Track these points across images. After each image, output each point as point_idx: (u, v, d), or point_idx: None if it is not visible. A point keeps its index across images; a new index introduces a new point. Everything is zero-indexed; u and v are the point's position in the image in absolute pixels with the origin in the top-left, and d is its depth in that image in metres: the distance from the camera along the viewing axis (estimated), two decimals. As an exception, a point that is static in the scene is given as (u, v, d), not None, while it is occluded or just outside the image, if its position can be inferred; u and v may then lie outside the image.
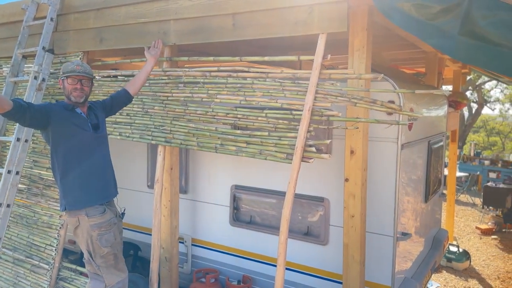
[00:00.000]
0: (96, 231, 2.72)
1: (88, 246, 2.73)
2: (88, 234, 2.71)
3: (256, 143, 2.85)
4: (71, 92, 2.72)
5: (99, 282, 2.76)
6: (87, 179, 2.76)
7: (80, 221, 2.71)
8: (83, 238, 2.73)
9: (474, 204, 10.34)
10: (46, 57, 3.69)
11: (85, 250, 2.75)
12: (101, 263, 2.76)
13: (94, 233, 2.72)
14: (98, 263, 2.75)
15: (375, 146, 3.04)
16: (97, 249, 2.74)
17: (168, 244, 3.53)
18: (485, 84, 16.47)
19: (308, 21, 2.65)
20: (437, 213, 4.73)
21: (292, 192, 2.61)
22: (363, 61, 2.66)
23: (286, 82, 2.73)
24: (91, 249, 2.74)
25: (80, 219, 2.71)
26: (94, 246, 2.73)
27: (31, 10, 3.94)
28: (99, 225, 2.74)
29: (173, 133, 3.25)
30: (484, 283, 5.76)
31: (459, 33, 2.27)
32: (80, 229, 2.73)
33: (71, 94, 2.73)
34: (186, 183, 3.97)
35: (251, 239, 3.64)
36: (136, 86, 3.10)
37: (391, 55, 5.66)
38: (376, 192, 3.07)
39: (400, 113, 2.49)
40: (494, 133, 21.25)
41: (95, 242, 2.72)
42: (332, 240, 3.25)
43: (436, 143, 4.23)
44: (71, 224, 2.78)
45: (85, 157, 2.75)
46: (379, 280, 3.11)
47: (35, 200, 3.83)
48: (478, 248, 7.21)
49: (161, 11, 3.25)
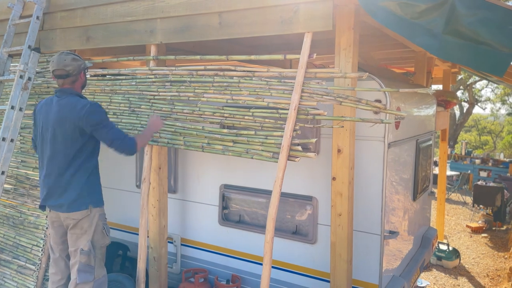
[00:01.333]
0: (102, 221, 2.86)
1: (92, 236, 2.80)
2: (96, 223, 2.81)
3: (242, 142, 2.85)
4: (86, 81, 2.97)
5: (89, 274, 2.78)
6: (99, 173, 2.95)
7: (91, 210, 2.79)
8: (90, 228, 2.79)
9: (465, 202, 10.42)
10: (32, 56, 3.65)
11: (87, 241, 2.78)
12: (98, 254, 2.84)
13: (101, 222, 2.84)
14: (96, 254, 2.83)
15: (362, 145, 3.05)
16: (101, 239, 2.85)
17: (156, 244, 3.52)
18: (475, 83, 16.60)
19: (293, 20, 2.64)
20: (426, 212, 4.76)
21: (278, 191, 2.60)
22: (350, 60, 2.67)
23: (273, 81, 2.73)
24: (95, 239, 2.81)
25: (92, 208, 2.80)
26: (99, 236, 2.83)
27: (17, 8, 3.90)
28: (103, 215, 2.90)
29: (159, 132, 3.23)
30: (474, 281, 5.80)
31: (444, 32, 2.29)
32: (88, 219, 2.78)
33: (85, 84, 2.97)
34: (175, 183, 3.95)
35: (240, 239, 3.63)
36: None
37: (381, 54, 5.69)
38: (363, 191, 3.08)
39: (385, 112, 2.49)
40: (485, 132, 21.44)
41: (101, 232, 2.83)
42: (321, 238, 3.26)
43: (425, 142, 4.25)
44: (77, 215, 2.76)
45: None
46: (367, 279, 3.12)
47: (22, 200, 3.79)
48: (468, 246, 7.27)
49: (148, 10, 3.23)
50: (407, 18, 2.39)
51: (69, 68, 2.76)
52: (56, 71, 2.77)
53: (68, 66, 2.75)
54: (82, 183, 2.77)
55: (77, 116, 2.69)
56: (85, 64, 2.88)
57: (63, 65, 2.75)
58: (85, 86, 2.97)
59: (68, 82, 2.79)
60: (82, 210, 2.76)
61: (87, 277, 2.77)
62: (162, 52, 3.41)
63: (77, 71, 2.79)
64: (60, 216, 2.83)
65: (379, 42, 4.60)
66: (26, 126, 3.88)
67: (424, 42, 2.38)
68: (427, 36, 2.35)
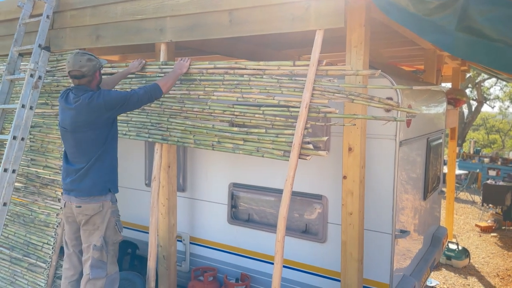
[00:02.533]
0: (114, 218, 2.88)
1: (105, 232, 2.82)
2: (108, 220, 2.83)
3: (253, 140, 2.84)
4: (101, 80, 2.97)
5: (102, 270, 2.81)
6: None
7: (104, 207, 2.81)
8: (102, 224, 2.81)
9: (473, 201, 10.33)
10: (42, 54, 3.66)
11: (100, 237, 2.80)
12: (110, 250, 2.87)
13: (113, 219, 2.87)
14: (109, 250, 2.85)
15: (373, 143, 3.03)
16: (113, 236, 2.87)
17: (166, 242, 3.52)
18: (484, 81, 16.44)
19: (305, 17, 2.63)
20: (436, 211, 4.72)
21: (289, 189, 2.59)
22: (361, 58, 2.64)
23: (283, 78, 2.71)
24: (107, 235, 2.83)
25: (105, 204, 2.83)
26: (111, 232, 2.85)
27: (27, 7, 3.92)
28: (116, 211, 2.92)
29: (169, 130, 3.23)
30: (484, 281, 5.75)
31: (456, 29, 2.26)
32: (100, 215, 2.80)
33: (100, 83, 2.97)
34: (184, 181, 3.95)
35: (249, 237, 3.63)
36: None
37: (390, 52, 5.65)
38: (374, 190, 3.06)
39: (398, 109, 2.47)
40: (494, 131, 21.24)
41: (114, 228, 2.86)
42: (330, 237, 3.24)
43: (435, 140, 4.21)
44: (89, 210, 2.79)
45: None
46: (377, 278, 3.10)
47: (32, 198, 3.82)
48: (478, 245, 7.20)
49: (157, 8, 3.23)
50: (419, 14, 2.37)
51: (85, 69, 2.77)
52: (72, 72, 2.79)
53: (84, 67, 2.77)
54: (106, 167, 2.86)
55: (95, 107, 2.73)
56: (100, 63, 2.88)
57: (79, 66, 2.76)
58: (100, 83, 2.98)
59: (83, 82, 2.82)
60: (96, 203, 2.80)
61: (99, 273, 2.80)
62: (172, 51, 3.41)
63: (92, 71, 2.81)
64: (74, 212, 2.86)
65: (388, 40, 4.57)
66: (37, 125, 3.90)
67: (437, 39, 2.35)
68: (440, 33, 2.33)
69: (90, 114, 2.73)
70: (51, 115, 3.83)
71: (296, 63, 2.66)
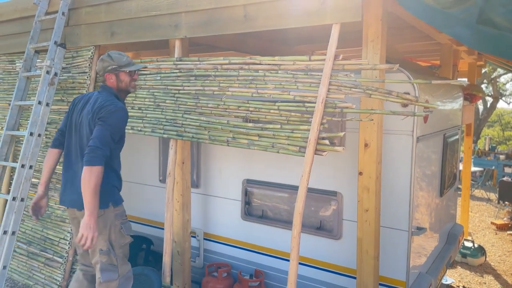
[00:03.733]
0: (119, 220, 2.75)
1: (110, 236, 2.70)
2: (112, 224, 2.70)
3: (268, 136, 2.82)
4: (130, 83, 2.82)
5: (113, 273, 2.71)
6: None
7: (105, 211, 2.67)
8: (104, 228, 2.67)
9: (489, 199, 10.17)
10: (58, 51, 3.70)
11: (105, 241, 2.69)
12: (119, 253, 2.75)
13: (118, 222, 2.73)
14: (117, 253, 2.74)
15: (390, 139, 2.99)
16: (120, 239, 2.74)
17: (180, 238, 3.53)
18: (500, 77, 16.14)
19: (321, 11, 2.60)
20: (452, 208, 4.65)
21: (305, 185, 2.57)
22: (377, 52, 2.61)
23: (299, 73, 2.69)
24: (113, 239, 2.72)
25: (107, 209, 2.69)
26: (117, 236, 2.73)
27: (43, 5, 3.96)
28: (121, 214, 2.78)
29: (184, 126, 3.23)
30: (500, 279, 5.66)
31: (477, 22, 2.20)
32: (102, 220, 2.64)
33: (130, 86, 2.82)
34: (197, 177, 3.96)
35: (263, 234, 3.62)
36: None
37: (405, 47, 5.56)
38: (391, 186, 3.02)
39: (416, 104, 2.42)
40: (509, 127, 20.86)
41: (119, 232, 2.73)
42: (346, 234, 3.21)
43: (452, 137, 4.15)
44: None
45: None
46: (394, 275, 3.07)
47: (49, 194, 3.85)
48: (494, 243, 7.09)
49: (172, 4, 3.23)
50: (439, 8, 2.32)
51: (98, 68, 2.81)
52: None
53: (98, 66, 2.81)
54: (114, 179, 2.72)
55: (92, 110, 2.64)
56: (112, 66, 2.73)
57: (97, 65, 2.83)
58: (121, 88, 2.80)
59: (101, 80, 2.86)
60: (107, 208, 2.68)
61: (110, 276, 2.71)
62: (186, 47, 3.40)
63: (102, 72, 2.77)
64: (76, 213, 2.77)
65: (403, 35, 4.50)
66: (53, 121, 3.94)
67: (457, 32, 2.30)
68: (460, 26, 2.28)
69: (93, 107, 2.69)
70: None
71: (312, 57, 2.63)
